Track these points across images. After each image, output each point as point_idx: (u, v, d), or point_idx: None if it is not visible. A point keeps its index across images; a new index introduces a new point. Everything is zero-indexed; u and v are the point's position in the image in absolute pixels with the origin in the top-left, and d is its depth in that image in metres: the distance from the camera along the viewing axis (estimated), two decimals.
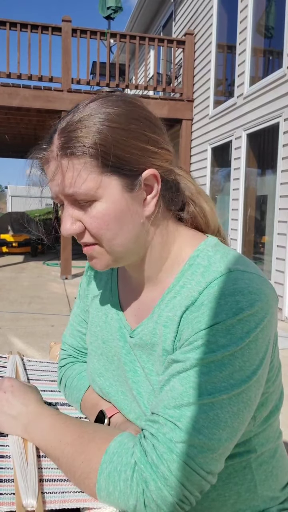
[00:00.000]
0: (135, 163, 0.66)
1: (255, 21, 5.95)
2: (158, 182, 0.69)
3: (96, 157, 0.64)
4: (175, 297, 0.71)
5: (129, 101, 0.69)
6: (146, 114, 0.69)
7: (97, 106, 0.66)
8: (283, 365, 3.33)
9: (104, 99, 0.67)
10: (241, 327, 0.61)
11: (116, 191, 0.66)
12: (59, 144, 0.65)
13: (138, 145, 0.66)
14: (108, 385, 0.82)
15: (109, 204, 0.66)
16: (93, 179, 0.64)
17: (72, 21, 7.10)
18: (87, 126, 0.64)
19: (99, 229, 0.67)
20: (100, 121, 0.64)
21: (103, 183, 0.65)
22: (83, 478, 0.64)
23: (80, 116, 0.65)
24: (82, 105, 0.67)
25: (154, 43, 7.66)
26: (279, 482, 0.79)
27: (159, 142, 0.69)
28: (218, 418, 0.60)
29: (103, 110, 0.65)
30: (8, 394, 0.78)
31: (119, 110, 0.66)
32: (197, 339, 0.63)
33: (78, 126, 0.64)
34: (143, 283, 0.78)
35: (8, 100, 6.84)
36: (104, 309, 0.85)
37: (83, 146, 0.63)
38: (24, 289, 6.56)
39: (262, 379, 0.65)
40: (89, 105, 0.66)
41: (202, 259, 0.70)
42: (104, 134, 0.64)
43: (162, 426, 0.61)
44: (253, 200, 6.09)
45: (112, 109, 0.65)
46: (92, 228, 0.67)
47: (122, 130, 0.65)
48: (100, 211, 0.66)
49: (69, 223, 0.68)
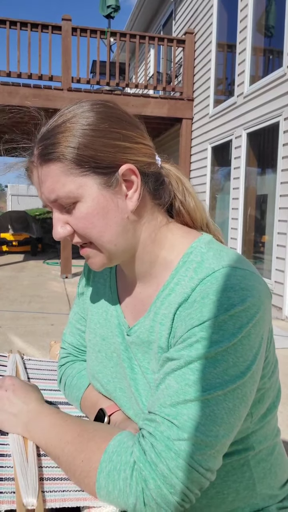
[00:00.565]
0: (109, 160, 0.68)
1: (255, 20, 5.94)
2: (137, 176, 0.71)
3: (71, 160, 0.67)
4: (170, 294, 0.71)
5: (99, 103, 0.71)
6: (116, 113, 0.72)
7: (68, 112, 0.70)
8: (284, 364, 3.34)
9: (76, 105, 0.71)
10: (233, 323, 0.62)
11: (95, 189, 0.68)
12: (37, 153, 0.69)
13: (110, 142, 0.68)
14: (106, 382, 0.82)
15: (90, 203, 0.68)
16: (71, 181, 0.67)
17: (72, 20, 7.09)
18: (59, 132, 0.68)
19: (85, 229, 0.69)
20: (70, 125, 0.68)
21: (81, 183, 0.68)
22: (83, 476, 0.64)
23: (53, 124, 0.70)
24: (57, 114, 0.71)
25: (154, 42, 7.65)
26: (278, 480, 0.80)
27: (132, 138, 0.71)
28: (214, 415, 0.60)
29: (73, 114, 0.69)
30: (9, 393, 0.78)
31: (88, 113, 0.69)
32: (190, 336, 0.63)
33: (52, 133, 0.69)
34: (138, 280, 0.79)
35: (8, 99, 6.83)
36: (104, 306, 0.86)
37: (57, 152, 0.67)
38: (24, 288, 6.56)
39: (256, 375, 0.66)
40: (61, 112, 0.71)
41: (195, 255, 0.71)
42: (76, 137, 0.67)
43: (159, 424, 0.61)
44: (253, 199, 6.08)
45: (81, 113, 0.69)
46: (78, 229, 0.70)
47: (92, 130, 0.68)
48: (83, 211, 0.69)
49: (58, 227, 0.72)
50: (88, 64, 7.49)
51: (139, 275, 0.77)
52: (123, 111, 0.73)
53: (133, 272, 0.78)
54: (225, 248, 0.73)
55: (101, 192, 0.68)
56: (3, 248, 11.76)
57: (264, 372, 0.71)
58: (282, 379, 0.65)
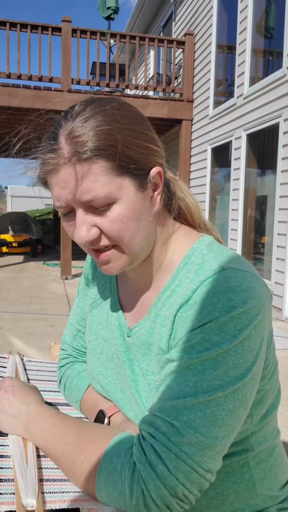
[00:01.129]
0: (143, 161, 0.67)
1: (255, 21, 5.95)
2: (162, 179, 0.71)
3: (111, 159, 0.63)
4: (171, 296, 0.71)
5: (123, 102, 0.70)
6: (140, 114, 0.71)
7: (99, 108, 0.65)
8: (284, 365, 3.34)
9: (100, 101, 0.68)
10: (234, 325, 0.62)
11: (132, 191, 0.66)
12: (71, 150, 0.63)
13: (143, 144, 0.67)
14: (107, 383, 0.82)
15: (127, 205, 0.66)
16: (110, 181, 0.64)
17: (72, 21, 7.10)
18: (95, 129, 0.63)
19: (120, 231, 0.66)
20: (107, 123, 0.64)
21: (120, 185, 0.65)
22: (82, 478, 0.64)
23: (84, 119, 0.64)
24: (81, 108, 0.66)
25: (154, 44, 7.66)
26: (278, 481, 0.79)
27: (156, 140, 0.71)
28: (215, 416, 0.60)
29: (106, 112, 0.65)
30: (9, 394, 0.78)
31: (120, 112, 0.66)
32: (191, 337, 0.63)
33: (86, 130, 0.63)
34: (141, 282, 0.79)
35: (8, 100, 6.84)
36: (105, 308, 0.86)
37: (97, 150, 0.62)
38: (24, 289, 6.56)
39: (257, 376, 0.66)
40: (89, 108, 0.66)
41: (196, 257, 0.71)
42: (114, 136, 0.63)
43: (159, 425, 0.61)
44: (253, 200, 6.09)
45: (114, 111, 0.66)
46: (111, 231, 0.66)
47: (128, 130, 0.66)
48: (119, 213, 0.66)
49: (84, 230, 0.66)
50: (88, 66, 7.50)
51: (143, 276, 0.77)
52: (141, 112, 0.73)
53: (138, 274, 0.78)
54: (225, 250, 0.73)
55: (136, 194, 0.67)
56: (3, 249, 11.76)
57: (264, 373, 0.71)
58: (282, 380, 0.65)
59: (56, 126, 0.67)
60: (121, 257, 0.70)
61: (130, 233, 0.67)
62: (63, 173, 0.64)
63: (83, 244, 0.68)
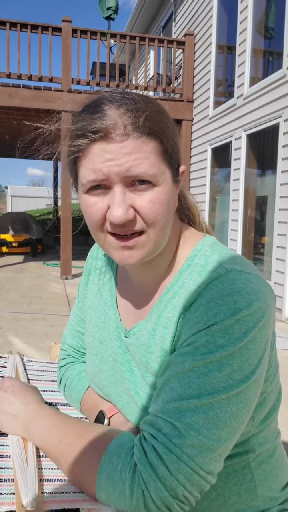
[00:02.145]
0: (178, 156, 0.70)
1: (255, 22, 5.95)
2: (183, 177, 0.73)
3: (162, 143, 0.65)
4: (173, 297, 0.71)
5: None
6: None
7: (145, 97, 0.68)
8: (283, 366, 3.33)
9: (143, 96, 0.69)
10: (239, 327, 0.61)
11: (169, 180, 0.68)
12: (129, 123, 0.62)
13: (178, 140, 0.71)
14: (102, 386, 0.82)
15: (166, 191, 0.67)
16: (158, 163, 0.65)
17: (72, 21, 7.10)
18: (157, 111, 0.66)
19: (157, 214, 0.65)
20: (159, 110, 0.67)
21: (164, 170, 0.66)
22: (83, 478, 0.64)
23: (141, 101, 0.64)
24: (125, 92, 0.67)
25: (154, 44, 7.66)
26: (279, 482, 0.79)
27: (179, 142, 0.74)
28: (217, 418, 0.60)
29: (153, 101, 0.68)
30: (9, 394, 0.78)
31: (158, 106, 0.69)
32: (195, 339, 0.63)
33: (148, 108, 0.64)
34: (144, 283, 0.78)
35: (8, 100, 6.84)
36: (103, 310, 0.86)
37: (154, 130, 0.63)
38: (24, 289, 6.55)
39: (260, 379, 0.65)
40: (136, 95, 0.67)
41: (199, 259, 0.71)
42: (169, 123, 0.67)
43: (161, 426, 0.61)
44: (253, 200, 6.08)
45: (157, 103, 0.69)
46: (149, 213, 0.65)
47: (171, 123, 0.69)
48: (159, 196, 0.65)
49: (124, 208, 0.63)
50: (88, 66, 7.50)
51: (148, 277, 0.77)
52: None
53: (143, 275, 0.77)
54: (228, 251, 0.72)
55: (172, 185, 0.69)
56: (3, 249, 11.74)
57: (266, 375, 0.71)
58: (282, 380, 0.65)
59: (108, 101, 0.65)
60: (147, 245, 0.68)
61: (165, 219, 0.67)
62: (114, 144, 0.62)
63: (119, 223, 0.64)
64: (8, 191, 44.99)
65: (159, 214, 0.65)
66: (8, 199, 43.12)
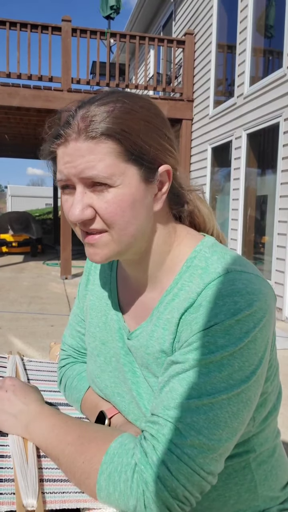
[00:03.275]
0: (154, 156, 0.68)
1: (255, 21, 5.95)
2: (169, 180, 0.71)
3: (120, 144, 0.64)
4: (173, 299, 0.71)
5: (146, 98, 0.72)
6: (161, 113, 0.72)
7: (120, 97, 0.67)
8: (283, 365, 3.34)
9: (123, 92, 0.70)
10: (240, 328, 0.61)
11: (135, 180, 0.66)
12: (84, 126, 0.65)
13: (157, 139, 0.68)
14: (104, 386, 0.82)
15: (127, 191, 0.66)
16: (115, 164, 0.65)
17: (72, 20, 7.10)
18: (112, 113, 0.65)
19: (114, 215, 0.66)
20: (125, 110, 0.66)
21: (124, 170, 0.65)
22: (83, 478, 0.64)
23: (102, 103, 0.66)
24: (103, 94, 0.68)
25: (154, 43, 7.65)
26: (279, 481, 0.79)
27: (172, 141, 0.72)
28: (218, 419, 0.60)
29: (127, 100, 0.67)
30: (9, 393, 0.78)
31: (141, 103, 0.68)
32: (196, 340, 0.63)
33: (102, 112, 0.65)
34: (142, 283, 0.78)
35: (8, 100, 6.83)
36: (104, 310, 0.85)
37: (108, 131, 0.64)
38: (24, 289, 6.56)
39: (261, 379, 0.65)
40: (112, 95, 0.68)
41: (199, 260, 0.71)
42: (128, 123, 0.65)
43: (162, 427, 0.61)
44: (253, 200, 6.08)
45: (135, 102, 0.67)
46: (106, 213, 0.66)
47: (144, 122, 0.67)
48: (117, 197, 0.65)
49: (79, 208, 0.66)
50: (88, 65, 7.49)
51: (145, 277, 0.77)
52: (163, 113, 0.74)
53: (140, 274, 0.77)
54: (228, 251, 0.72)
55: (139, 185, 0.67)
56: (3, 249, 11.75)
57: (267, 375, 0.71)
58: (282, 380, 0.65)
59: (77, 107, 0.68)
60: (108, 246, 0.69)
61: (124, 221, 0.67)
62: (71, 147, 0.65)
63: (74, 223, 0.68)
64: (8, 191, 45.00)
65: (116, 214, 0.66)
66: (8, 199, 43.13)
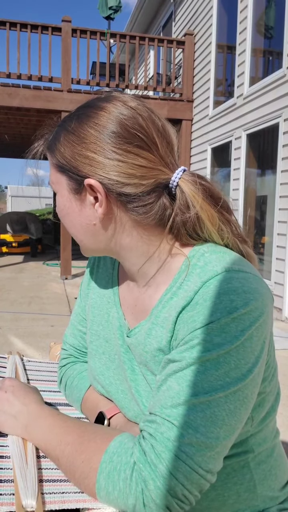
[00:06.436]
0: (79, 169, 0.70)
1: (255, 21, 5.95)
2: (100, 193, 0.68)
3: (54, 156, 0.73)
4: (172, 298, 0.71)
5: (103, 107, 0.69)
6: (112, 123, 0.67)
7: (73, 113, 0.74)
8: (283, 365, 3.34)
9: (84, 105, 0.74)
10: (236, 326, 0.62)
11: (65, 190, 0.73)
12: (47, 138, 0.78)
13: (84, 153, 0.68)
14: (108, 383, 0.82)
15: (61, 199, 0.75)
16: (54, 174, 0.75)
17: (72, 21, 7.10)
18: (62, 130, 0.72)
19: (60, 216, 0.77)
20: (63, 124, 0.73)
21: (59, 180, 0.74)
22: (82, 477, 0.64)
23: (67, 119, 0.74)
24: (78, 107, 0.76)
25: (154, 43, 7.66)
26: (278, 481, 0.80)
27: (112, 154, 0.66)
28: (215, 416, 0.60)
29: (70, 115, 0.73)
30: (8, 394, 0.78)
31: (80, 117, 0.71)
32: (192, 338, 0.63)
33: (58, 128, 0.75)
34: (140, 283, 0.78)
35: (8, 100, 6.83)
36: (106, 308, 0.86)
37: (52, 146, 0.74)
38: (24, 289, 6.56)
39: (258, 378, 0.65)
40: (77, 109, 0.74)
41: (197, 259, 0.71)
42: (60, 136, 0.72)
43: (159, 425, 0.61)
44: (253, 200, 6.09)
45: (75, 116, 0.72)
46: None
47: (72, 135, 0.70)
48: (58, 202, 0.76)
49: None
50: (88, 66, 7.50)
51: (143, 278, 0.77)
52: (142, 122, 0.71)
53: (137, 275, 0.77)
54: (227, 251, 0.72)
55: (69, 194, 0.73)
56: (3, 249, 11.75)
57: (265, 375, 0.71)
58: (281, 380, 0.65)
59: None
60: (80, 243, 0.79)
61: (67, 225, 0.77)
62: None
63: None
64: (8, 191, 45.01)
65: (61, 216, 0.76)
66: (8, 199, 43.14)
